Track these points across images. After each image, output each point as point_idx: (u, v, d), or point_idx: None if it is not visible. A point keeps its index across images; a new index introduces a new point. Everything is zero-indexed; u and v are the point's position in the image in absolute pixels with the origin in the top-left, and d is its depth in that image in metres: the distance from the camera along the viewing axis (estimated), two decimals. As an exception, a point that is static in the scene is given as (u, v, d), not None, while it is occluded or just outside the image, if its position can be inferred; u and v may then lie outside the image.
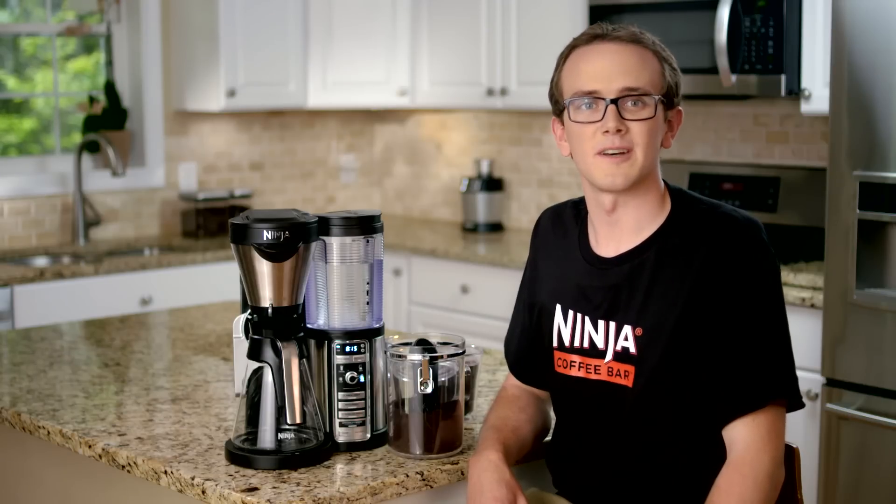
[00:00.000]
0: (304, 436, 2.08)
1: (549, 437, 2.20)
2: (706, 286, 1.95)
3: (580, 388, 2.05)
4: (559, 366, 2.08)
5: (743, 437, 1.94)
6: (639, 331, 1.97)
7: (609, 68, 1.98)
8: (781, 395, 1.97)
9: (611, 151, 1.97)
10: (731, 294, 1.95)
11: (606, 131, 1.96)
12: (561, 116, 2.05)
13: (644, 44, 2.01)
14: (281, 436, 2.06)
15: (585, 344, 2.04)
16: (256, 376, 2.08)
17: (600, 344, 2.02)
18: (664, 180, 2.07)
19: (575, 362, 2.06)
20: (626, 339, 1.99)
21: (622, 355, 1.99)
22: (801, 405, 2.01)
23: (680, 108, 2.06)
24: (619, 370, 2.00)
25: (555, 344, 2.09)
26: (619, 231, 2.04)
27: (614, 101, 1.96)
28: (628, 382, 1.99)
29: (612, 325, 2.00)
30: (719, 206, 2.03)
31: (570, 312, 2.07)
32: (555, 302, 2.10)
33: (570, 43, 2.05)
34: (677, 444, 1.98)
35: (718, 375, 1.95)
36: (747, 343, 1.95)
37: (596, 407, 2.04)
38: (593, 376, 2.03)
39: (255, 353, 2.07)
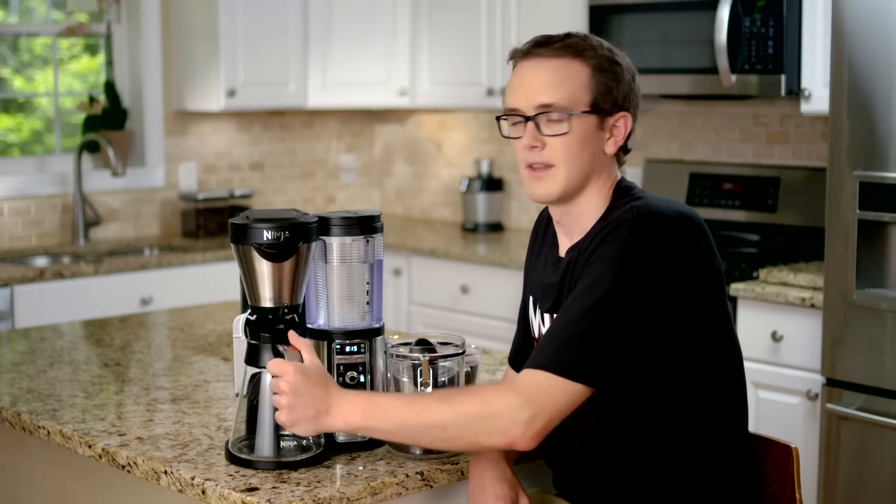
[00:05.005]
0: (306, 443, 2.07)
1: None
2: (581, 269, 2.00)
3: None
4: None
5: (519, 376, 1.94)
6: None
7: (527, 86, 2.04)
8: (545, 365, 1.90)
9: (534, 165, 2.05)
10: (586, 266, 1.97)
11: (526, 147, 2.05)
12: None
13: (568, 55, 2.03)
14: (282, 444, 2.05)
15: (539, 336, 2.13)
16: (255, 380, 2.07)
17: None
18: (622, 178, 2.10)
19: None
20: None
21: None
22: (595, 385, 1.91)
23: (625, 112, 2.05)
24: None
25: (533, 334, 2.18)
26: (569, 233, 2.11)
27: (532, 118, 2.03)
28: None
29: (549, 318, 2.09)
30: (644, 199, 2.02)
31: (536, 306, 2.15)
32: (529, 295, 2.20)
33: (510, 55, 2.11)
34: (632, 435, 1.98)
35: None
36: (567, 310, 1.94)
37: None
38: None
39: (253, 358, 2.06)
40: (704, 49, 4.08)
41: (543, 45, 2.05)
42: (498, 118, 2.13)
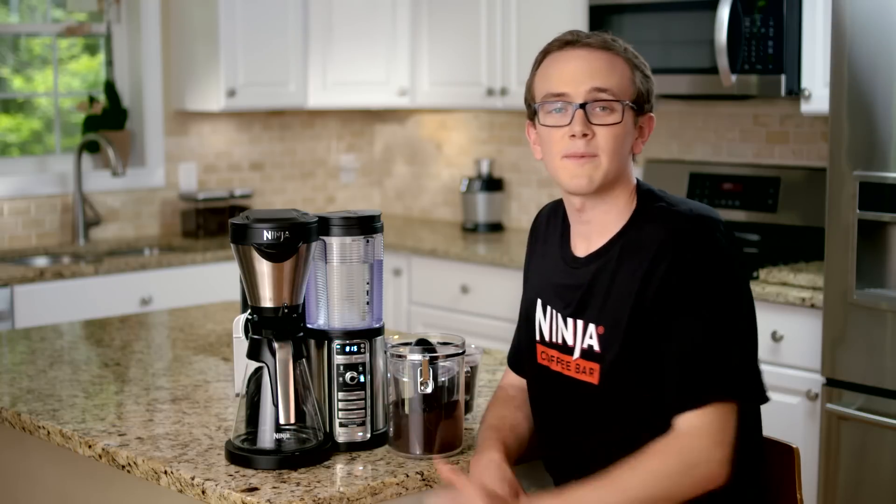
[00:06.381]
0: (304, 435, 2.08)
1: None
2: (654, 282, 1.96)
3: (556, 383, 2.09)
4: (542, 359, 2.13)
5: (685, 421, 1.93)
6: (601, 329, 2.00)
7: (578, 72, 2.01)
8: (726, 394, 1.93)
9: (576, 155, 2.00)
10: (678, 289, 1.95)
11: (573, 135, 2.00)
12: (534, 120, 2.09)
13: (615, 50, 2.04)
14: (280, 436, 2.06)
15: (559, 340, 2.08)
16: (256, 376, 2.08)
17: (570, 341, 2.06)
18: (638, 179, 2.10)
19: (553, 357, 2.10)
20: (591, 337, 2.02)
21: (588, 353, 2.02)
22: (763, 399, 1.97)
23: (652, 114, 2.08)
24: (584, 368, 2.03)
25: (537, 337, 2.14)
26: (589, 231, 2.07)
27: (582, 106, 1.99)
28: (594, 380, 2.01)
29: (580, 323, 2.04)
30: (678, 203, 2.03)
31: (548, 308, 2.11)
32: (537, 297, 2.15)
33: (543, 49, 2.09)
34: (647, 441, 1.98)
35: (666, 370, 1.95)
36: (692, 338, 1.94)
37: (565, 403, 2.07)
38: (566, 372, 2.07)
39: (254, 353, 2.07)
40: (704, 49, 4.08)
41: (590, 37, 2.04)
42: (534, 104, 2.06)
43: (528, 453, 2.17)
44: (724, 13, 3.94)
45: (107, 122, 5.04)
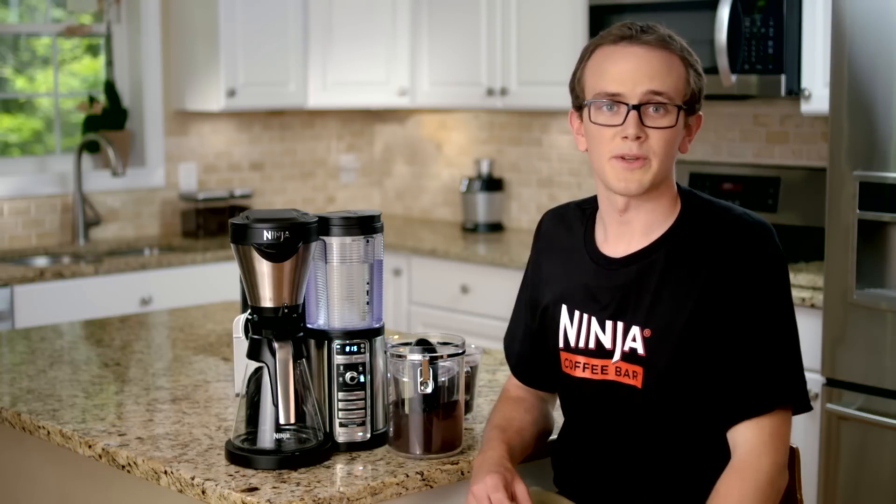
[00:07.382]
0: (304, 435, 2.08)
1: (554, 437, 2.20)
2: (717, 289, 1.95)
3: (586, 389, 2.06)
4: (566, 366, 2.09)
5: (746, 440, 1.95)
6: (647, 332, 1.97)
7: (634, 72, 1.96)
8: (787, 401, 1.96)
9: (627, 157, 1.96)
10: (742, 298, 1.95)
11: (625, 137, 1.95)
12: (580, 111, 2.04)
13: (672, 49, 2.00)
14: (280, 436, 2.06)
15: (591, 345, 2.04)
16: (256, 376, 2.08)
17: (607, 344, 2.02)
18: (676, 182, 2.07)
19: (580, 363, 2.06)
20: (633, 339, 1.99)
21: (630, 356, 1.99)
22: (809, 408, 2.01)
23: (700, 113, 2.05)
24: (626, 370, 2.00)
25: (560, 345, 2.09)
26: (629, 231, 2.03)
27: (636, 108, 1.95)
28: (637, 383, 1.99)
29: (620, 325, 2.00)
30: (731, 209, 2.03)
31: (577, 313, 2.06)
32: (560, 303, 2.09)
33: (597, 39, 2.04)
34: (686, 444, 1.98)
35: (724, 378, 1.95)
36: (756, 347, 1.95)
37: (603, 407, 2.04)
38: (599, 377, 2.03)
39: (254, 353, 2.07)
40: (704, 49, 4.08)
41: (647, 33, 2.00)
42: (583, 99, 2.01)
43: (531, 453, 2.17)
44: (724, 13, 3.94)
45: (107, 122, 5.04)
